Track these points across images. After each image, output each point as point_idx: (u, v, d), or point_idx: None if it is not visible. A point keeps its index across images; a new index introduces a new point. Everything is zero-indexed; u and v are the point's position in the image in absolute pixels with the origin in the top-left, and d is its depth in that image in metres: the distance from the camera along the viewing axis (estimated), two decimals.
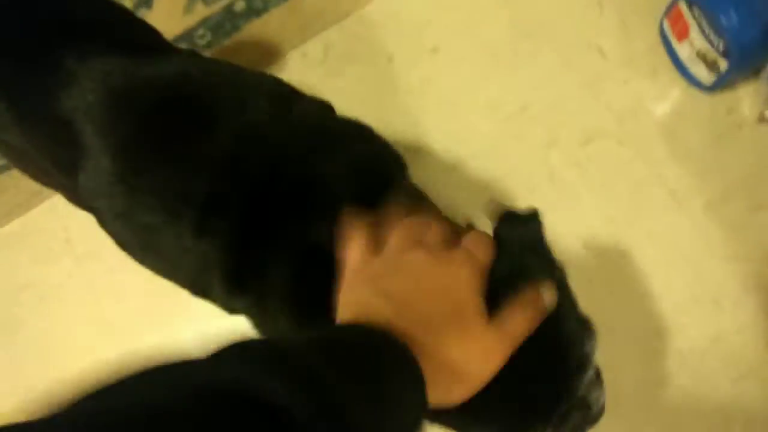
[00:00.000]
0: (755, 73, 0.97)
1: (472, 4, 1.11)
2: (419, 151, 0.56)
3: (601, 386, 0.56)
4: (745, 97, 1.00)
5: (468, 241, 0.48)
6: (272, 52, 1.14)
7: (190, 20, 1.15)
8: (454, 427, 0.50)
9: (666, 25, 1.01)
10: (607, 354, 0.89)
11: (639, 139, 1.01)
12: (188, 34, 1.15)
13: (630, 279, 0.97)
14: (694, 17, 0.93)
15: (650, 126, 1.02)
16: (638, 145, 1.01)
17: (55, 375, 1.07)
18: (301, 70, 1.13)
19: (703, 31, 0.93)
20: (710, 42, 0.92)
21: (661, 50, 1.04)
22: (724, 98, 1.01)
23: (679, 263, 0.96)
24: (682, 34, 0.97)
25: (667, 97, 1.03)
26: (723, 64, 0.93)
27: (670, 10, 0.99)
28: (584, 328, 0.52)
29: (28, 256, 1.15)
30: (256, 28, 1.15)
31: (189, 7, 1.16)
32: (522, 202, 0.94)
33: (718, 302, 0.94)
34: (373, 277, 0.45)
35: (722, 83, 0.98)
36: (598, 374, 0.56)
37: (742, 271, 0.94)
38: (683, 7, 0.95)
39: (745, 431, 0.90)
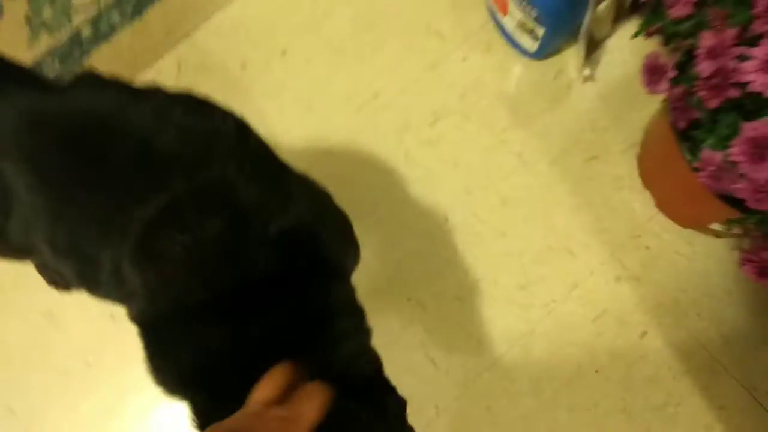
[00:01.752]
0: (574, 34, 1.03)
1: (313, 4, 1.13)
2: (280, 150, 0.56)
3: None
4: (570, 59, 1.06)
5: (298, 398, 0.47)
6: (126, 74, 1.12)
7: (37, 51, 1.12)
8: None
9: (490, 3, 1.07)
10: (478, 312, 0.92)
11: (482, 112, 1.06)
12: (37, 65, 1.12)
13: (491, 240, 1.01)
14: None
15: (491, 97, 1.06)
16: (482, 117, 1.05)
17: None
18: None
19: (519, 3, 0.98)
20: (526, 12, 0.97)
21: (492, 26, 1.09)
22: (552, 63, 1.07)
23: (532, 219, 1.01)
24: (504, 9, 1.03)
25: (503, 68, 1.08)
26: (540, 31, 0.98)
27: None
28: None
29: None
30: (106, 52, 1.13)
31: (33, 38, 1.13)
32: (382, 184, 0.96)
33: (571, 250, 1.00)
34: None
35: (545, 49, 1.03)
36: None
37: (586, 217, 1.00)
38: None
39: (610, 363, 0.96)
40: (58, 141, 0.58)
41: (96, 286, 0.59)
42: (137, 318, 0.57)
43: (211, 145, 0.56)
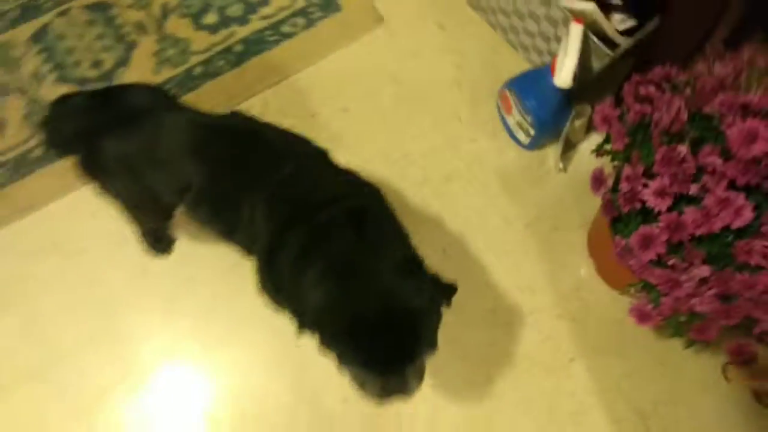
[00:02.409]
0: (556, 136, 1.41)
1: (370, 80, 1.50)
2: None
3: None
4: (550, 153, 1.44)
5: None
6: (225, 106, 1.48)
7: (159, 78, 1.48)
8: None
9: (499, 103, 1.45)
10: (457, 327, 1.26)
11: (481, 180, 1.42)
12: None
13: (476, 273, 1.36)
14: (513, 99, 1.37)
15: (489, 171, 1.43)
16: (481, 184, 1.42)
17: None
18: None
19: (519, 109, 1.36)
20: (523, 116, 1.35)
21: (498, 120, 1.47)
22: (537, 155, 1.44)
23: (507, 263, 1.37)
24: (508, 110, 1.40)
25: (501, 151, 1.45)
26: (532, 131, 1.36)
27: (501, 93, 1.42)
28: None
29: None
30: (211, 87, 1.48)
31: (157, 69, 1.49)
32: (403, 218, 1.32)
33: (532, 288, 1.35)
34: None
35: (535, 144, 1.41)
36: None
37: (546, 267, 1.36)
38: (507, 92, 1.38)
39: (546, 373, 1.30)
40: (219, 140, 0.95)
41: (233, 232, 0.95)
42: (258, 252, 0.93)
43: (308, 152, 0.96)
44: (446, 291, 0.90)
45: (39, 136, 1.39)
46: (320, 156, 0.99)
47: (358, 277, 0.82)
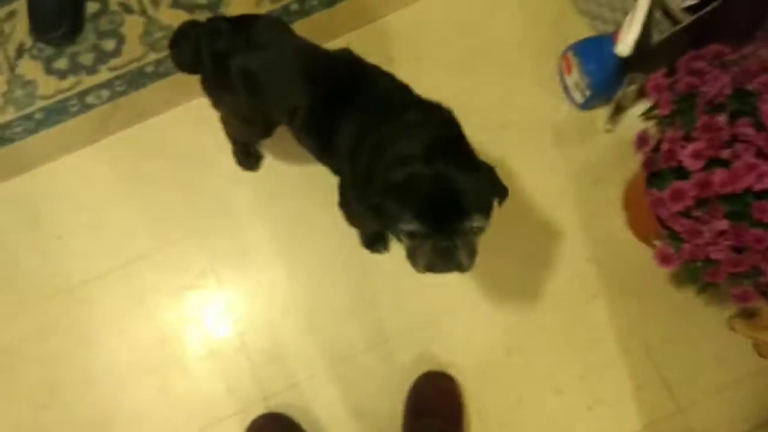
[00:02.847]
0: (608, 100, 1.54)
1: (444, 30, 1.63)
2: None
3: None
4: (600, 115, 1.57)
5: None
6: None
7: (260, 10, 1.63)
8: None
9: (561, 63, 1.58)
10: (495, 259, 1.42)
11: (534, 130, 1.57)
12: None
13: (519, 215, 1.53)
14: (575, 61, 1.50)
15: (543, 124, 1.58)
16: (533, 133, 1.56)
17: None
18: None
19: (579, 71, 1.49)
20: (582, 78, 1.48)
21: (556, 78, 1.60)
22: (589, 114, 1.58)
23: (549, 208, 1.53)
24: (568, 70, 1.53)
25: (556, 108, 1.59)
26: (588, 92, 1.49)
27: (564, 54, 1.55)
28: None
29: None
30: (303, 24, 1.63)
31: (259, 1, 1.64)
32: None
33: (567, 232, 1.52)
34: None
35: (588, 104, 1.54)
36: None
37: (583, 213, 1.52)
38: (570, 54, 1.51)
39: (566, 301, 1.49)
40: (329, 69, 1.11)
41: (329, 155, 1.13)
42: (340, 172, 1.11)
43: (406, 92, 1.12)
44: (502, 189, 1.01)
45: (154, 53, 1.58)
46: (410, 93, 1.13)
47: (422, 162, 0.93)
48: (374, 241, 1.48)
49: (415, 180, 0.92)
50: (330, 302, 1.48)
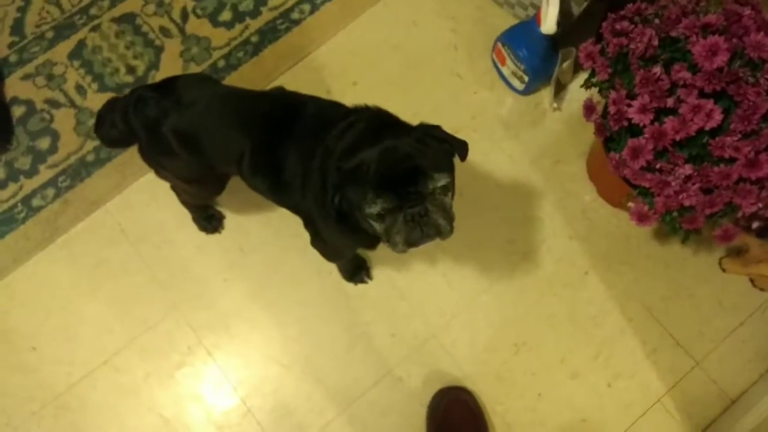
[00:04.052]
0: (548, 80, 1.56)
1: (374, 52, 1.65)
2: None
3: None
4: (544, 95, 1.59)
5: None
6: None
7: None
8: None
9: (494, 56, 1.60)
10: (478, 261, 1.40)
11: (485, 128, 1.58)
12: None
13: (490, 211, 1.53)
14: (506, 51, 1.52)
15: (492, 119, 1.59)
16: (485, 131, 1.58)
17: None
18: None
19: (512, 60, 1.51)
20: (517, 66, 1.51)
21: (494, 72, 1.62)
22: (533, 98, 1.60)
23: (515, 197, 1.53)
24: (503, 61, 1.56)
25: (501, 100, 1.61)
26: (526, 78, 1.51)
27: (495, 47, 1.58)
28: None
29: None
30: (234, 77, 1.62)
31: (185, 67, 1.64)
32: None
33: (543, 217, 1.52)
34: None
35: (529, 89, 1.56)
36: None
37: (551, 197, 1.53)
38: (500, 45, 1.54)
39: (561, 291, 1.48)
40: (262, 108, 1.11)
41: (285, 191, 1.11)
42: (300, 209, 1.11)
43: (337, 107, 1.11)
44: (456, 142, 1.00)
45: (91, 141, 1.55)
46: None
47: (367, 145, 0.94)
48: (355, 272, 1.46)
49: (365, 161, 0.92)
50: (325, 345, 1.45)
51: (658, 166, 1.11)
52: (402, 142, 0.94)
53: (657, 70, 1.09)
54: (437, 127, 1.00)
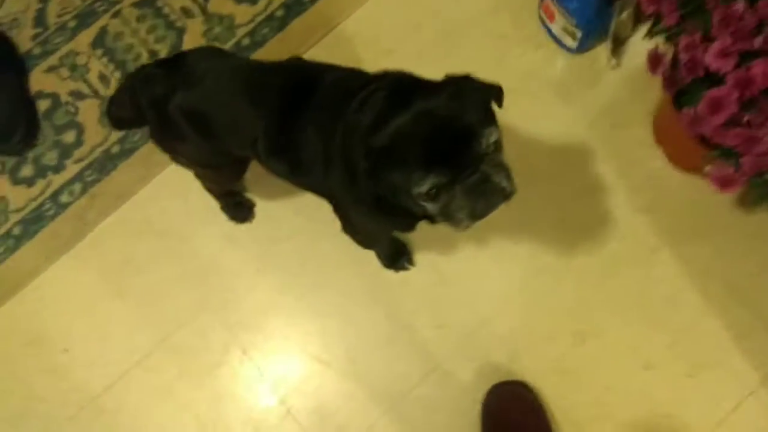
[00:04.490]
0: (604, 34, 1.38)
1: (409, 18, 1.51)
2: None
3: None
4: (601, 52, 1.42)
5: None
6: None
7: None
8: None
9: (541, 13, 1.43)
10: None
11: (535, 92, 1.42)
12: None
13: (541, 187, 1.37)
14: (554, 6, 1.35)
15: (542, 81, 1.43)
16: (535, 95, 1.42)
17: None
18: None
19: (562, 14, 1.34)
20: (567, 20, 1.34)
21: (542, 31, 1.45)
22: (588, 56, 1.42)
23: (572, 166, 1.37)
24: (551, 18, 1.39)
25: (551, 60, 1.44)
26: (578, 33, 1.34)
27: (542, 2, 1.41)
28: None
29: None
30: (260, 54, 1.53)
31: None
32: None
33: (602, 187, 1.35)
34: None
35: (583, 46, 1.39)
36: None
37: (613, 165, 1.36)
38: (547, 1, 1.37)
39: (628, 270, 1.31)
40: (276, 82, 0.99)
41: (302, 174, 0.99)
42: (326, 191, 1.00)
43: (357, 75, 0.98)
44: (491, 88, 0.87)
45: (116, 132, 1.49)
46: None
47: (398, 114, 0.81)
48: (396, 258, 1.34)
49: (401, 133, 0.79)
50: (366, 338, 1.34)
51: (744, 119, 0.93)
52: (436, 104, 0.81)
53: (739, 6, 0.92)
54: (467, 77, 0.87)
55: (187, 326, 1.37)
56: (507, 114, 1.42)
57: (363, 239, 1.19)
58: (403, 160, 0.79)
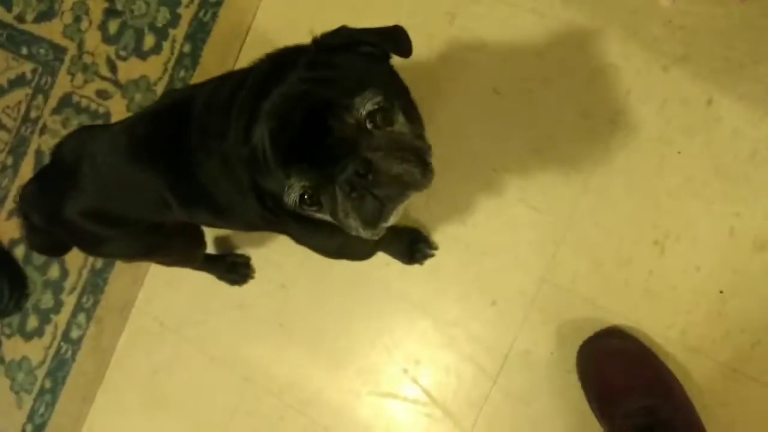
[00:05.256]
0: None
1: None
2: None
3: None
4: None
5: None
6: None
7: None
8: None
9: None
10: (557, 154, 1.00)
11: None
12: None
13: (541, 91, 1.11)
14: None
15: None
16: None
17: None
18: None
19: None
20: None
21: None
22: None
23: (572, 55, 1.09)
24: None
25: None
26: None
27: None
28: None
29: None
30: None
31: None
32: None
33: (615, 64, 1.06)
34: None
35: None
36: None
37: (616, 31, 1.06)
38: None
39: (688, 140, 1.02)
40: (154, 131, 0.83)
41: (230, 216, 0.83)
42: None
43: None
44: (382, 36, 0.65)
45: None
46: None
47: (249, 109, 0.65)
48: (412, 249, 1.13)
49: (260, 132, 0.62)
50: (422, 350, 1.14)
51: None
52: (289, 84, 0.62)
53: None
54: (337, 31, 0.65)
55: (238, 412, 1.25)
56: (474, 26, 1.16)
57: (352, 254, 1.00)
58: (266, 165, 0.61)
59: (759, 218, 0.98)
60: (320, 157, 0.58)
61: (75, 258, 1.41)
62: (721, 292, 0.99)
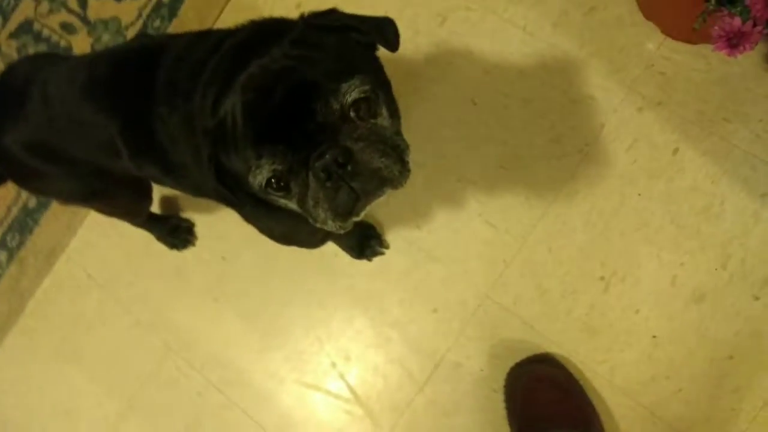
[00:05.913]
0: None
1: None
2: None
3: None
4: None
5: None
6: None
7: None
8: None
9: None
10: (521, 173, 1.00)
11: (481, 4, 1.14)
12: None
13: (517, 109, 1.10)
14: None
15: None
16: (482, 4, 1.13)
17: None
18: None
19: None
20: None
21: None
22: None
23: (550, 78, 1.09)
24: None
25: None
26: None
27: None
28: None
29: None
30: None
31: None
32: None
33: (592, 96, 1.07)
34: None
35: None
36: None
37: (598, 64, 1.07)
38: None
39: (650, 183, 1.04)
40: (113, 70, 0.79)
41: (180, 177, 0.78)
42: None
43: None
44: (372, 25, 0.63)
45: None
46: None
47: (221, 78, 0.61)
48: (364, 245, 1.11)
49: (232, 104, 0.58)
50: (356, 345, 1.12)
51: None
52: (271, 57, 0.58)
53: None
54: (328, 13, 0.62)
55: (153, 380, 1.19)
56: (453, 38, 1.16)
57: (302, 243, 0.96)
58: (233, 141, 0.57)
59: (701, 272, 1.00)
60: (297, 140, 0.55)
61: (6, 192, 1.32)
62: (654, 336, 1.01)
